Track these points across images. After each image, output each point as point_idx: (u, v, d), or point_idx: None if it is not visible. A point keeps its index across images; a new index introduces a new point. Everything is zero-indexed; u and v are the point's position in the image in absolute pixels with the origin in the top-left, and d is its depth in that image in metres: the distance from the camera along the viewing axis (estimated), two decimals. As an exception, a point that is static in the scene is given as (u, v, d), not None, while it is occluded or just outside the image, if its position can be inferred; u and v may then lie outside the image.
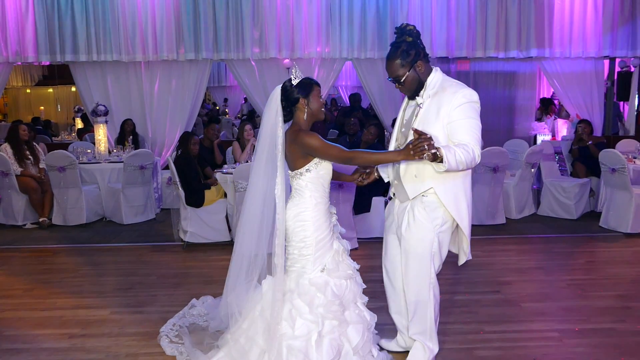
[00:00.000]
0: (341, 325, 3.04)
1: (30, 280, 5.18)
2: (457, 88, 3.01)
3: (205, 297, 4.37)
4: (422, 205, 3.06)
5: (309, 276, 3.09)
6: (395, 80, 3.04)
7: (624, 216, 6.51)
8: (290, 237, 3.13)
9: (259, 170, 3.19)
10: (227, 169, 6.44)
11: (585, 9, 8.77)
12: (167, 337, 3.74)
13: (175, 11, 8.48)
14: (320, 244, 3.09)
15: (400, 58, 2.98)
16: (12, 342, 3.85)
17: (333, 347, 2.99)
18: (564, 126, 9.98)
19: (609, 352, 3.60)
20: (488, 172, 6.84)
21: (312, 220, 3.08)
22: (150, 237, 6.73)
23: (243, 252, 3.27)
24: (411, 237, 3.09)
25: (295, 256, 3.12)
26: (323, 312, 3.00)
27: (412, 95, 3.12)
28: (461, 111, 2.94)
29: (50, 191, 7.30)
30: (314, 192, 3.10)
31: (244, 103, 15.94)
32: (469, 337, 3.82)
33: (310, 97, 3.09)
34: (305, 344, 2.97)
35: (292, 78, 3.11)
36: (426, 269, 3.10)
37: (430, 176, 3.00)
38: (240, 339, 3.17)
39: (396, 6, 8.57)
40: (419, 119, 3.03)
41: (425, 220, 3.05)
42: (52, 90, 17.42)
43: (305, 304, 3.02)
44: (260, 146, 3.18)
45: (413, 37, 3.01)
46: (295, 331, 2.99)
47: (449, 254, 3.27)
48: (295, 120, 3.14)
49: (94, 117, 8.10)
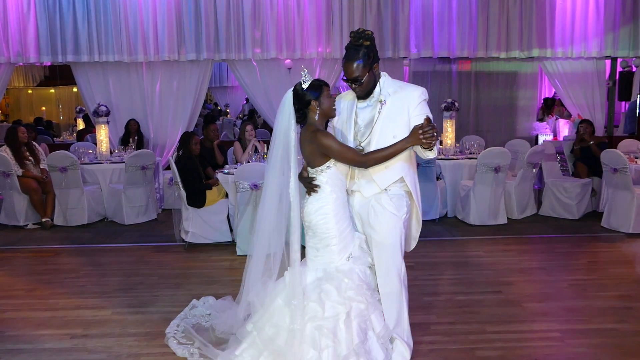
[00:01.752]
0: (368, 309, 3.15)
1: (32, 280, 5.19)
2: (413, 87, 3.27)
3: (206, 298, 4.37)
4: (387, 197, 3.23)
5: (335, 265, 3.22)
6: (355, 80, 3.17)
7: (626, 216, 6.50)
8: (314, 229, 3.25)
9: (274, 172, 3.30)
10: (228, 169, 6.44)
11: (587, 8, 8.75)
12: (174, 339, 3.74)
13: (176, 12, 8.49)
14: (344, 235, 3.23)
15: (362, 60, 3.14)
16: (14, 343, 3.86)
17: (362, 329, 3.11)
18: (565, 126, 9.99)
19: (611, 352, 3.60)
20: (490, 172, 6.83)
21: (333, 213, 3.20)
22: (152, 237, 6.74)
23: (261, 251, 3.36)
24: (381, 228, 3.22)
25: (320, 247, 3.25)
26: (352, 295, 3.12)
27: (365, 95, 3.25)
28: (421, 108, 3.17)
29: (52, 192, 7.31)
30: (334, 187, 3.23)
31: (245, 103, 15.95)
32: (471, 337, 3.82)
33: (321, 98, 3.19)
34: (334, 325, 3.07)
35: (302, 82, 3.19)
36: (397, 259, 3.24)
37: (400, 166, 3.20)
38: (265, 328, 3.24)
39: (397, 6, 8.57)
40: (384, 116, 3.19)
41: (393, 210, 3.21)
42: (54, 90, 17.42)
43: (334, 287, 3.13)
44: (275, 149, 3.28)
45: (370, 41, 3.17)
46: (325, 312, 3.08)
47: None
48: (310, 121, 3.23)
49: (95, 117, 8.11)
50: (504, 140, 8.73)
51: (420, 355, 3.53)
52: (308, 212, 3.24)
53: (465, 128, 9.75)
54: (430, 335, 3.86)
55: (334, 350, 3.03)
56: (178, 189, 6.17)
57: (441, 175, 7.42)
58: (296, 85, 3.23)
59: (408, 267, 3.39)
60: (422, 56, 8.80)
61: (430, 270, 5.27)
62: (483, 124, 10.11)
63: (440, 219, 7.27)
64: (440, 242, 6.37)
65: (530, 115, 10.33)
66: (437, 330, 3.94)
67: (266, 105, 8.96)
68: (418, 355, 3.51)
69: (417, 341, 3.54)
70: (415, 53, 8.71)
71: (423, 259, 5.49)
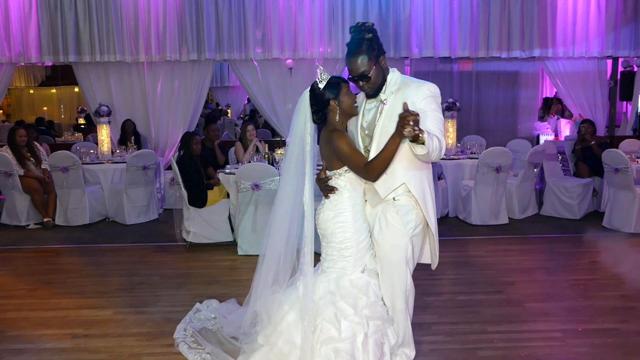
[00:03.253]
0: (384, 325, 3.01)
1: (33, 280, 5.19)
2: (420, 82, 2.97)
3: (210, 301, 4.31)
4: (394, 209, 2.96)
5: (349, 277, 3.03)
6: (362, 76, 2.91)
7: (627, 216, 6.50)
8: (329, 238, 3.06)
9: (289, 177, 3.14)
10: (229, 169, 6.45)
11: (588, 8, 8.75)
12: (184, 344, 3.67)
13: (178, 12, 8.50)
14: (361, 246, 3.03)
15: (366, 53, 2.88)
16: (16, 342, 3.86)
17: (378, 346, 2.95)
18: (566, 126, 9.98)
19: (612, 352, 3.59)
20: (491, 172, 6.83)
21: (351, 222, 3.01)
22: (153, 237, 6.74)
23: (272, 259, 3.20)
24: (385, 243, 2.99)
25: (335, 257, 3.06)
26: (368, 314, 2.95)
27: (375, 92, 3.00)
28: (427, 103, 2.87)
29: (54, 192, 7.32)
30: (353, 192, 3.03)
31: (246, 103, 15.96)
32: (472, 337, 3.82)
33: (340, 96, 2.97)
34: (352, 346, 2.91)
35: (319, 80, 2.98)
36: (401, 277, 3.00)
37: (401, 172, 2.92)
38: (279, 342, 3.10)
39: (398, 6, 8.57)
40: (384, 115, 2.94)
41: (398, 224, 2.95)
42: (55, 90, 17.44)
43: (350, 306, 2.95)
44: (290, 153, 3.12)
45: (372, 33, 2.92)
46: (342, 334, 2.92)
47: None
48: (330, 122, 3.03)
49: (97, 117, 8.12)
50: (505, 140, 8.73)
51: (421, 355, 3.53)
52: (324, 220, 3.04)
53: (467, 128, 9.76)
54: (431, 335, 3.86)
55: None
56: (179, 188, 6.18)
57: (442, 175, 7.42)
58: (313, 84, 3.01)
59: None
60: (423, 56, 8.79)
61: (431, 270, 5.22)
62: (484, 124, 10.13)
63: (442, 219, 7.26)
64: (441, 242, 6.25)
65: (531, 115, 10.34)
66: (438, 330, 3.94)
67: (267, 105, 8.96)
68: (419, 355, 3.50)
69: (418, 341, 3.53)
70: (416, 53, 8.70)
71: (424, 259, 5.48)
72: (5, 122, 15.61)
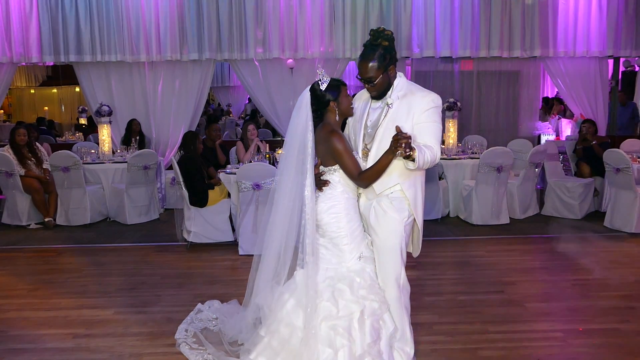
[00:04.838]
0: (381, 308, 3.11)
1: (34, 280, 5.20)
2: (426, 92, 3.15)
3: (211, 302, 4.32)
4: (388, 200, 3.16)
5: (346, 264, 3.18)
6: (368, 81, 3.11)
7: (629, 216, 6.49)
8: (324, 229, 3.20)
9: (288, 173, 3.22)
10: (230, 169, 6.45)
11: (590, 8, 8.74)
12: (186, 344, 3.69)
13: (178, 12, 8.50)
14: (355, 234, 3.18)
15: (377, 61, 3.06)
16: (17, 342, 3.86)
17: (374, 329, 3.08)
18: (568, 126, 9.97)
19: (613, 352, 3.59)
20: (492, 172, 6.83)
21: (344, 213, 3.17)
22: (154, 237, 6.74)
23: (272, 254, 3.29)
24: (381, 230, 3.17)
25: (331, 247, 3.21)
26: (365, 294, 3.09)
27: (379, 96, 3.19)
28: (428, 115, 3.08)
29: (54, 191, 7.32)
30: (346, 187, 3.19)
31: (247, 103, 15.96)
32: (473, 337, 3.82)
33: (339, 98, 3.15)
34: (349, 324, 3.05)
35: (320, 82, 3.12)
36: (397, 264, 3.17)
37: (398, 173, 3.11)
38: (280, 329, 3.20)
39: (399, 6, 8.57)
40: (389, 118, 3.12)
41: (394, 212, 3.15)
42: (56, 90, 17.46)
43: (347, 286, 3.11)
44: (290, 150, 3.21)
45: (389, 42, 3.09)
46: (339, 312, 3.06)
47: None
48: (327, 121, 3.17)
49: (98, 117, 8.12)
50: (506, 140, 8.72)
51: (422, 355, 3.53)
52: (319, 211, 3.18)
53: (468, 128, 9.75)
54: (432, 335, 3.86)
55: (350, 349, 3.01)
56: (180, 188, 6.18)
57: (443, 175, 7.41)
58: (313, 85, 3.15)
59: (410, 267, 3.39)
60: (424, 56, 8.79)
61: (432, 270, 5.27)
62: (485, 124, 10.12)
63: (443, 219, 7.26)
64: (442, 242, 6.36)
65: (532, 114, 10.32)
66: (439, 330, 3.94)
67: (268, 105, 8.96)
68: (420, 355, 3.51)
69: (419, 341, 3.54)
70: (417, 53, 8.70)
71: (425, 258, 5.47)
72: (6, 122, 15.62)
